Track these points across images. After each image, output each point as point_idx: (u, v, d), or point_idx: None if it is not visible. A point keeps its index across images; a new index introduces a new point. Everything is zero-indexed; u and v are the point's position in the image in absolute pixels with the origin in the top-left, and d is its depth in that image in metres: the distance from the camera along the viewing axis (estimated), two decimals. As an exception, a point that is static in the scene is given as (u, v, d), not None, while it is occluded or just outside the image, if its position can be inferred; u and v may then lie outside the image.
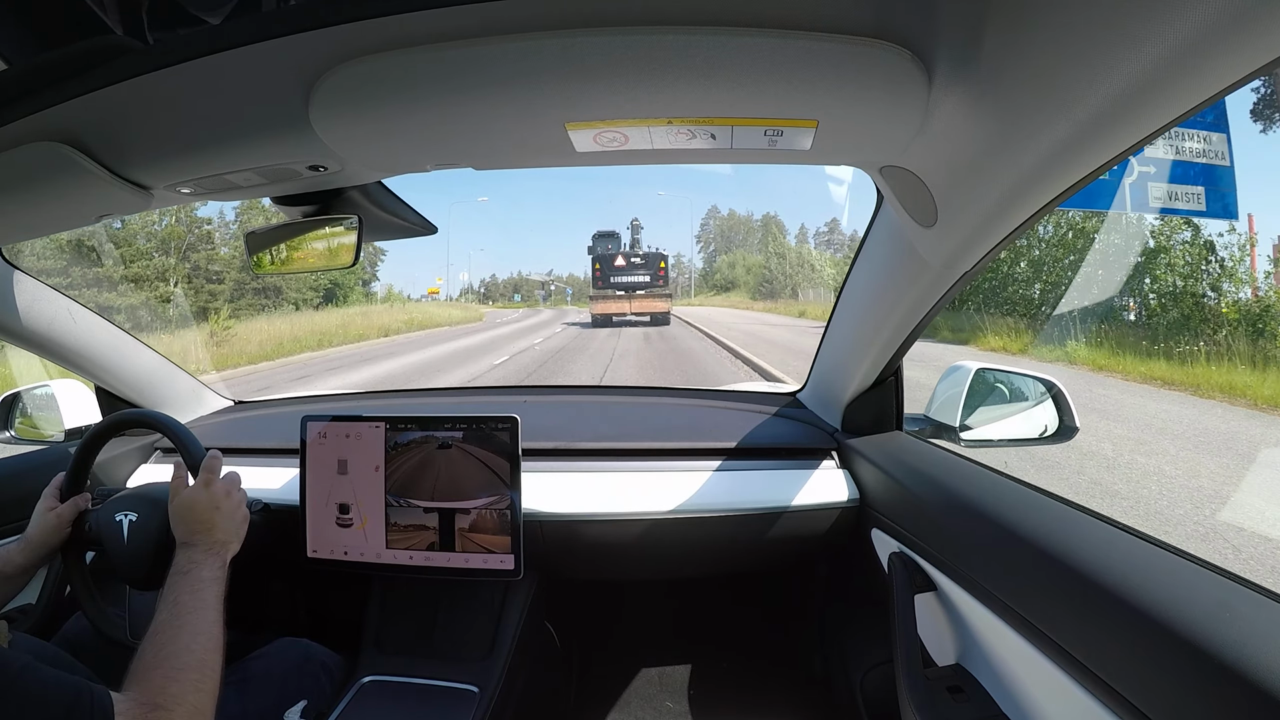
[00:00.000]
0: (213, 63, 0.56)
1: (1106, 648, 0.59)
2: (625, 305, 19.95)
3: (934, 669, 0.91)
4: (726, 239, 71.06)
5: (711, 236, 74.76)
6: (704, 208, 78.26)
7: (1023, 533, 0.75)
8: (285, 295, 25.21)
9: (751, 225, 69.96)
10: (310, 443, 1.13)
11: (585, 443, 1.29)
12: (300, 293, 26.13)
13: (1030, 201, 0.62)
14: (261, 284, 23.44)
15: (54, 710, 0.54)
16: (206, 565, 0.79)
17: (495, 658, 1.12)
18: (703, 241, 76.03)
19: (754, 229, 68.72)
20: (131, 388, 1.40)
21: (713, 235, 74.56)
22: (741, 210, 78.35)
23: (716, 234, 73.91)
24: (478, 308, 44.12)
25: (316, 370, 11.19)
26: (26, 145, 0.66)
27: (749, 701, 1.50)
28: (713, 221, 75.08)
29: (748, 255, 58.54)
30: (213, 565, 0.79)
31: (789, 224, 73.47)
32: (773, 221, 66.39)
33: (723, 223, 73.84)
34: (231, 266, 22.54)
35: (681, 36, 0.50)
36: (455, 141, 0.67)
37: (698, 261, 75.82)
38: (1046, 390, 1.19)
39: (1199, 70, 0.40)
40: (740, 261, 56.47)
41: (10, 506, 1.13)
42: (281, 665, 1.02)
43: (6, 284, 1.09)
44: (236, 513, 0.88)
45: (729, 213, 74.78)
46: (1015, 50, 0.47)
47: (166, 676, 0.64)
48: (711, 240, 74.65)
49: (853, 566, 1.27)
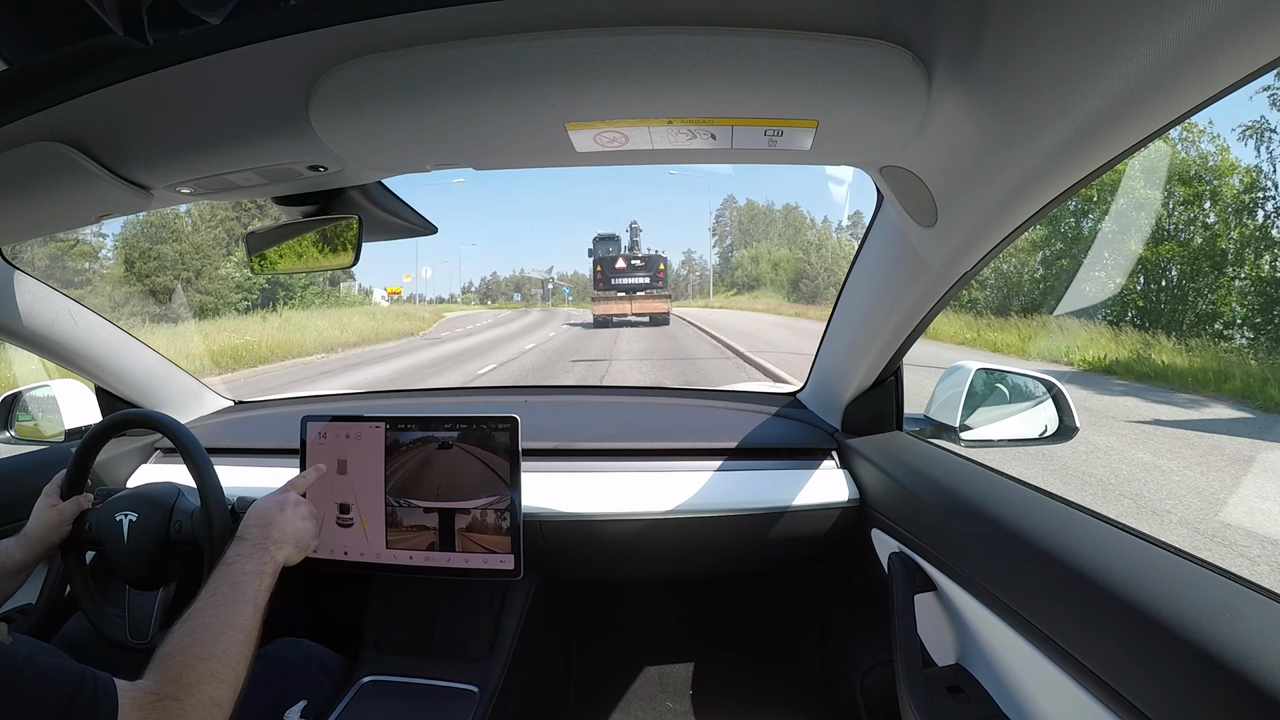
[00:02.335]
0: (213, 63, 0.56)
1: (1106, 648, 0.59)
2: (626, 306, 20.32)
3: (934, 669, 0.91)
4: (745, 232, 62.78)
5: (728, 229, 65.98)
6: (719, 198, 70.72)
7: (1023, 533, 0.75)
8: (195, 298, 20.11)
9: (773, 216, 61.68)
10: (310, 443, 1.13)
11: (585, 443, 1.29)
12: (221, 296, 21.09)
13: (1030, 201, 0.62)
14: (153, 286, 18.96)
15: (57, 698, 0.54)
16: (251, 559, 0.78)
17: (495, 658, 1.11)
18: (718, 235, 67.83)
19: (775, 219, 60.82)
20: (132, 388, 1.40)
21: (729, 228, 65.85)
22: (760, 200, 68.36)
23: (734, 226, 65.14)
24: (436, 310, 37.84)
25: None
26: (26, 145, 0.66)
27: (749, 701, 1.50)
28: (730, 212, 66.21)
29: (773, 249, 52.21)
30: (258, 560, 0.79)
31: (813, 215, 64.01)
32: (794, 213, 59.80)
33: (741, 214, 65.00)
34: (106, 278, 18.10)
35: (681, 36, 0.50)
36: (455, 141, 0.67)
37: (712, 257, 70.21)
38: (1046, 390, 1.19)
39: (1199, 70, 0.40)
40: (765, 256, 50.43)
41: (10, 506, 1.13)
42: (281, 665, 1.02)
43: (7, 284, 1.09)
44: (302, 524, 0.89)
45: (747, 203, 65.33)
46: (1015, 50, 0.47)
47: (184, 665, 0.64)
48: (728, 233, 65.96)
49: (853, 566, 1.27)
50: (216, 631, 0.68)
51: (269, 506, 0.87)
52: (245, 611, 0.72)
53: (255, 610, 0.74)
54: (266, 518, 0.85)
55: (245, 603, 0.73)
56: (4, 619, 1.03)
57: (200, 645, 0.66)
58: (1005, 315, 13.63)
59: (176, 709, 0.60)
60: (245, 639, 0.70)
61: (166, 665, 0.63)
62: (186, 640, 0.66)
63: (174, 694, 0.61)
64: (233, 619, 0.70)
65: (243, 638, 0.70)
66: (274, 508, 0.87)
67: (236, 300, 21.77)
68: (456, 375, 9.98)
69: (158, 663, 0.64)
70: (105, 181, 0.73)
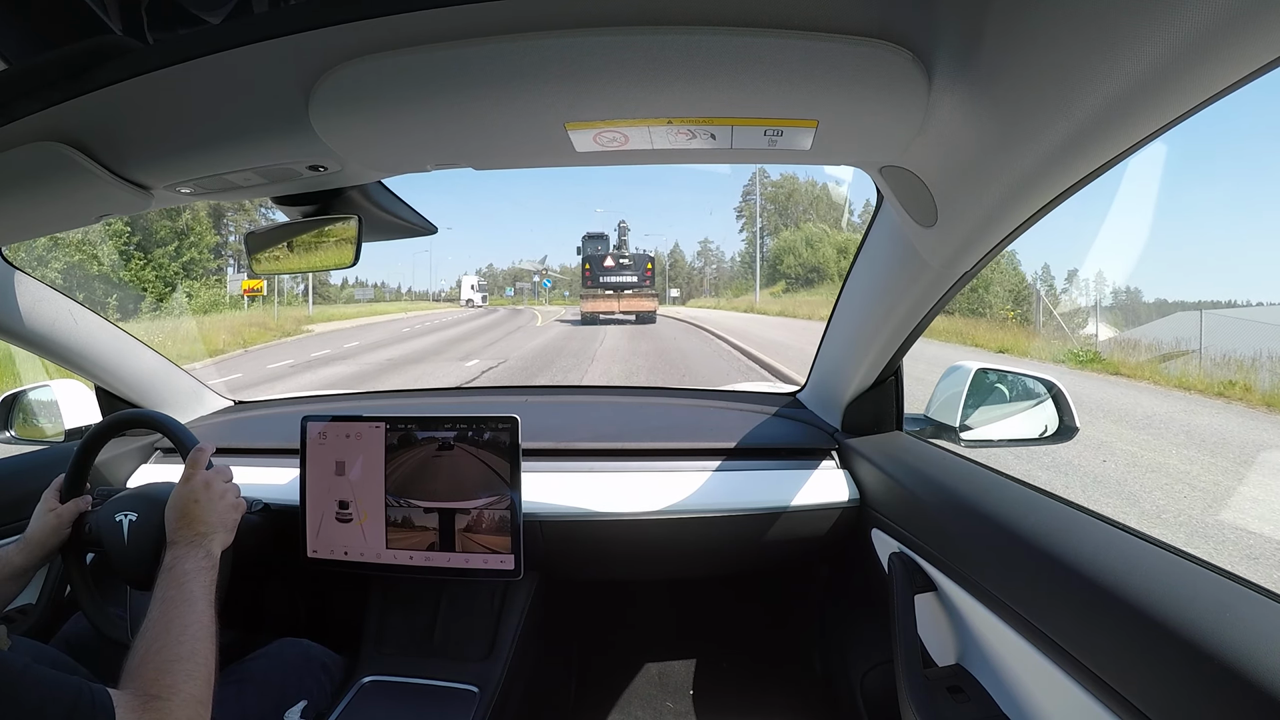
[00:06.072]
0: (213, 63, 0.56)
1: (1106, 648, 0.59)
2: (614, 304, 20.52)
3: (934, 669, 0.91)
4: (782, 212, 50.02)
5: (757, 211, 50.43)
6: (747, 172, 53.37)
7: (1022, 533, 0.75)
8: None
9: (815, 193, 48.60)
10: (310, 443, 1.13)
11: (585, 443, 1.29)
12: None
13: (1030, 201, 0.62)
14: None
15: (56, 711, 0.54)
16: (189, 559, 0.79)
17: (495, 658, 1.11)
18: (746, 217, 53.25)
19: (819, 198, 48.07)
20: (132, 388, 1.40)
21: (759, 209, 50.04)
22: (802, 175, 51.31)
23: (773, 207, 51.00)
24: (305, 319, 21.33)
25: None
26: (26, 145, 0.66)
27: (749, 701, 1.50)
28: (760, 190, 50.43)
29: (833, 231, 38.93)
30: (195, 558, 0.79)
31: (852, 198, 47.32)
32: (839, 189, 46.44)
33: (774, 191, 50.89)
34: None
35: (681, 36, 0.50)
36: (455, 141, 0.67)
37: (736, 244, 57.77)
38: (1046, 390, 1.19)
39: (1199, 70, 0.40)
40: (826, 239, 37.53)
41: (10, 506, 1.13)
42: (281, 665, 1.02)
43: (8, 285, 1.09)
44: (218, 504, 0.87)
45: (781, 177, 50.50)
46: (1015, 50, 0.47)
47: (159, 669, 0.65)
48: (758, 216, 50.23)
49: (853, 566, 1.27)
50: (177, 634, 0.69)
51: (183, 502, 0.85)
52: (198, 608, 0.73)
53: (207, 605, 0.75)
54: (187, 516, 0.84)
55: (196, 600, 0.74)
56: (4, 619, 1.03)
57: (167, 649, 0.67)
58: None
59: (165, 708, 0.61)
60: (206, 635, 0.71)
61: (142, 673, 0.64)
62: (153, 648, 0.67)
63: (160, 694, 0.62)
64: (189, 620, 0.71)
65: (204, 634, 0.71)
66: (187, 502, 0.85)
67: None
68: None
69: (131, 674, 0.65)
70: (105, 181, 0.73)
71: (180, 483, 0.87)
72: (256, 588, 1.40)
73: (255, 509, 1.12)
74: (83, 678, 0.59)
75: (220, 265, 26.56)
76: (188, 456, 0.90)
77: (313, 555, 1.13)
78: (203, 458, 0.90)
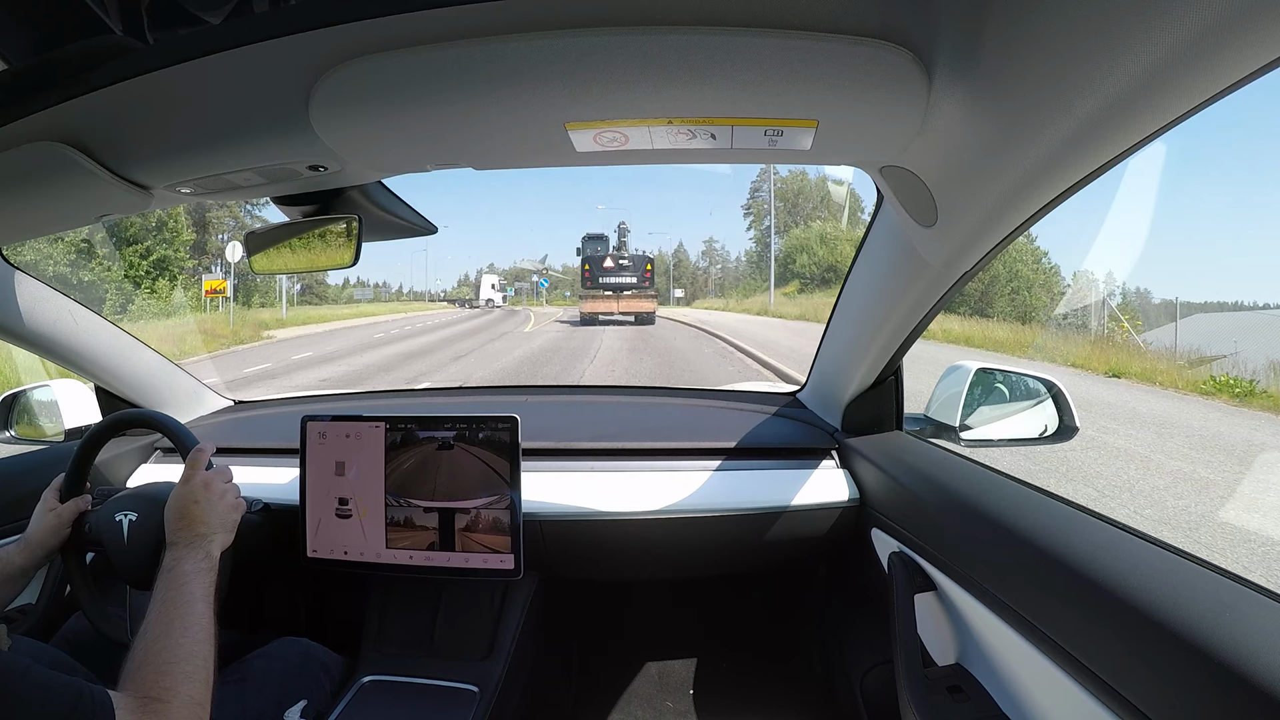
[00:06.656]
0: (213, 63, 0.56)
1: (1106, 648, 0.59)
2: (613, 305, 20.50)
3: (934, 669, 0.91)
4: (793, 209, 46.84)
5: (766, 208, 45.95)
6: (754, 168, 47.32)
7: (1023, 533, 0.75)
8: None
9: (825, 192, 45.13)
10: (310, 443, 1.13)
11: (585, 442, 1.29)
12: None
13: (1030, 201, 0.62)
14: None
15: (57, 712, 0.54)
16: (189, 560, 0.79)
17: (495, 658, 1.12)
18: (754, 215, 50.16)
19: (828, 196, 44.72)
20: (131, 388, 1.40)
21: (768, 207, 45.53)
22: (812, 171, 44.65)
23: (782, 204, 46.54)
24: (263, 323, 17.70)
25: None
26: (26, 145, 0.67)
27: (749, 701, 1.50)
28: (766, 186, 46.38)
29: (848, 228, 36.97)
30: (195, 559, 0.79)
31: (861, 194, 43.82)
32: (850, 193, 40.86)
33: (783, 188, 47.12)
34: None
35: (681, 36, 0.50)
36: (455, 141, 0.67)
37: (743, 243, 55.10)
38: (1046, 390, 1.19)
39: (1199, 70, 0.40)
40: (844, 236, 35.80)
41: (10, 506, 1.13)
42: (281, 665, 1.02)
43: (7, 284, 1.09)
44: (218, 505, 0.87)
45: (791, 173, 46.27)
46: (1015, 50, 0.47)
47: (158, 671, 0.65)
48: (766, 213, 45.88)
49: (853, 566, 1.27)
50: (176, 636, 0.69)
51: (183, 503, 0.84)
52: (197, 610, 0.73)
53: (206, 607, 0.75)
54: (187, 517, 0.83)
55: (195, 602, 0.74)
56: (4, 619, 1.03)
57: (166, 651, 0.67)
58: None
59: (163, 710, 0.61)
60: (205, 637, 0.71)
61: (140, 675, 0.64)
62: (152, 650, 0.67)
63: (159, 696, 0.62)
64: (188, 621, 0.71)
65: (203, 636, 0.71)
66: (187, 502, 0.85)
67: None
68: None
69: (130, 676, 0.64)
70: (105, 181, 0.73)
71: (180, 483, 0.87)
72: (256, 588, 1.40)
73: (255, 509, 1.12)
74: (83, 678, 0.59)
75: (198, 265, 24.39)
76: (188, 457, 0.90)
77: (313, 555, 1.13)
78: (202, 458, 0.90)
